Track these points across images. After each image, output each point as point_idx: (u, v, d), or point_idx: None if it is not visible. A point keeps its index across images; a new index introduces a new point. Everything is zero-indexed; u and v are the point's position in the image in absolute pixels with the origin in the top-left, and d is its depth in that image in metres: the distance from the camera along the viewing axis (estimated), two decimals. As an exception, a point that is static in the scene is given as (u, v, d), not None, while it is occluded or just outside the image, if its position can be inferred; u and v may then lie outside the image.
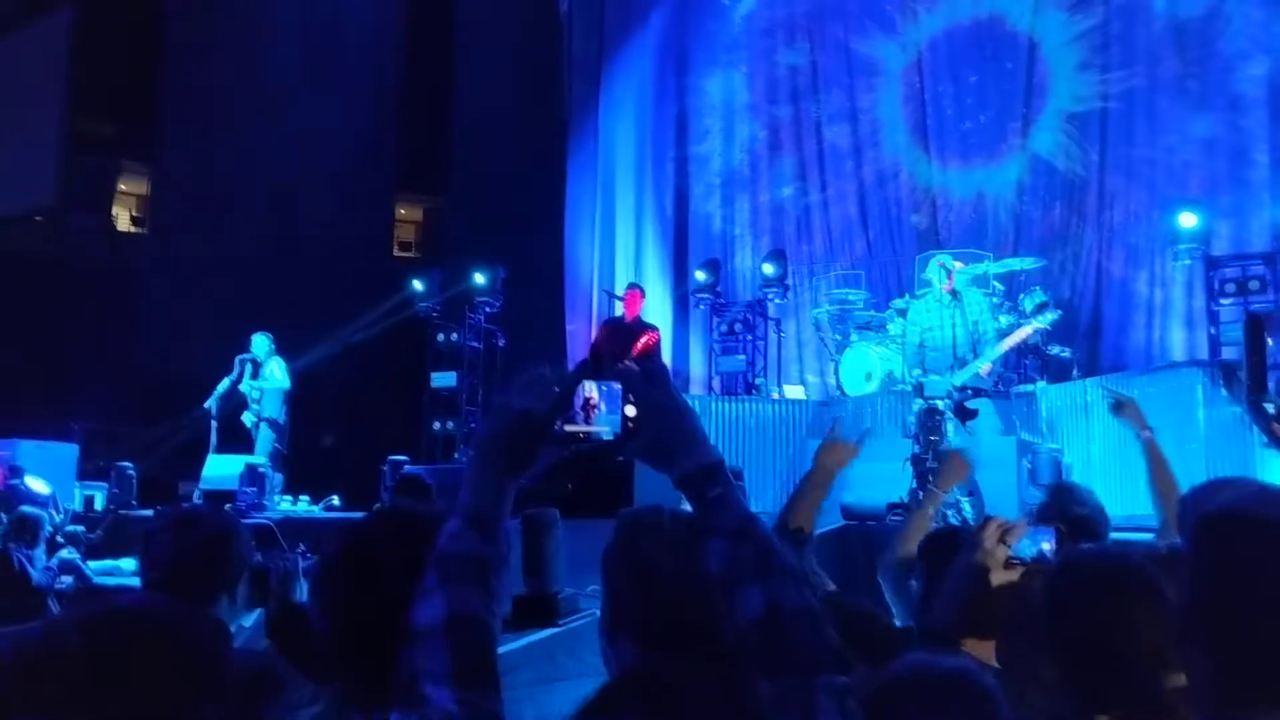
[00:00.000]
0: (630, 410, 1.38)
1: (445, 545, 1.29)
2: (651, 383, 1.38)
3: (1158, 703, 1.73)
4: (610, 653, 1.57)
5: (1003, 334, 9.50)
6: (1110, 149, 12.29)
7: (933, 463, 7.31)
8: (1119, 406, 3.65)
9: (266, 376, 11.21)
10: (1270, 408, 7.63)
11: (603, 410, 1.40)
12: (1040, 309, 9.75)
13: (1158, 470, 3.35)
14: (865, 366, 10.77)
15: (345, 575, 1.53)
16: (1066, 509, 3.18)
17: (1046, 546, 2.09)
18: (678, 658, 1.42)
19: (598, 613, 1.65)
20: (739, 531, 1.30)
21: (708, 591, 1.30)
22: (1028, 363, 10.39)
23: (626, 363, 1.37)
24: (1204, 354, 10.10)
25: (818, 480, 2.85)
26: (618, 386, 1.39)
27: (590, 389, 1.40)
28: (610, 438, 1.42)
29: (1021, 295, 10.25)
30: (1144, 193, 11.97)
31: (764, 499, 10.14)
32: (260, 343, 11.26)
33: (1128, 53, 12.23)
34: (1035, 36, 12.81)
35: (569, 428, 1.40)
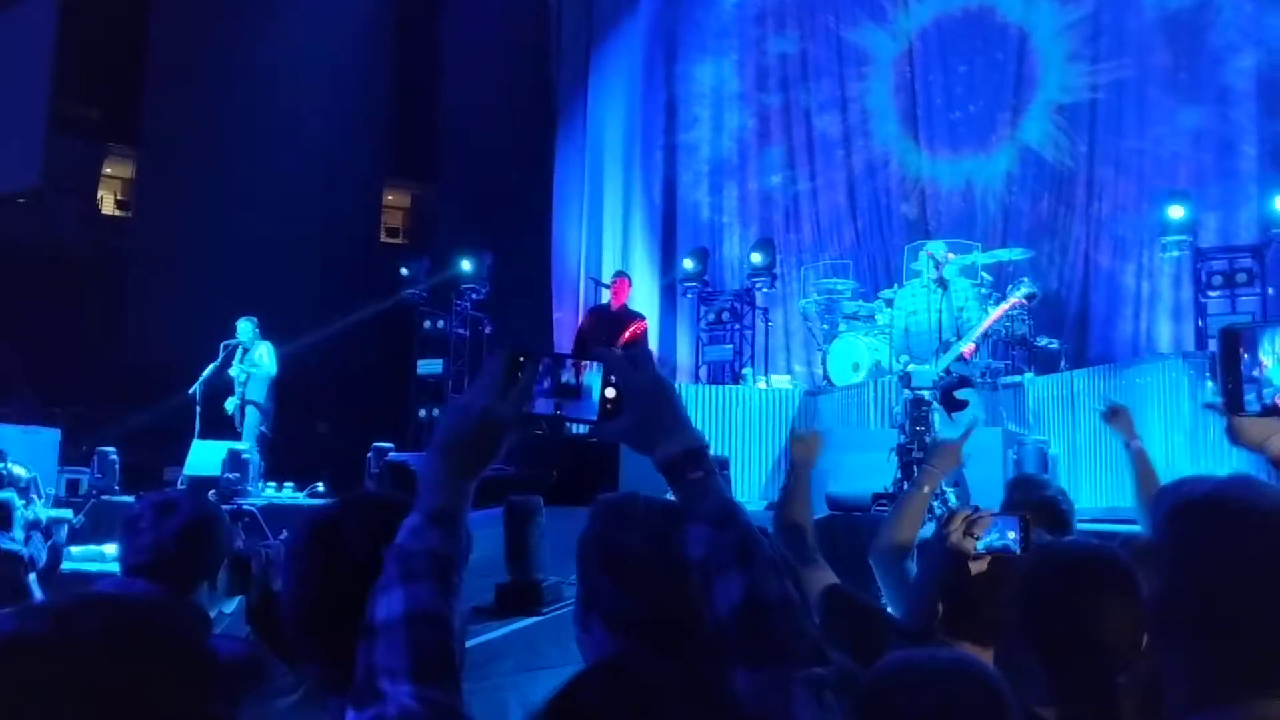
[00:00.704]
0: (610, 392, 1.36)
1: (404, 541, 1.26)
2: (634, 365, 1.36)
3: (1108, 700, 1.72)
4: (584, 639, 1.56)
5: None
6: (1099, 140, 12.31)
7: (918, 453, 7.31)
8: (1113, 414, 3.65)
9: (255, 361, 11.17)
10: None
11: (592, 370, 1.37)
12: (1028, 300, 9.75)
13: (1145, 480, 3.35)
14: (853, 356, 10.76)
15: (312, 560, 1.51)
16: (1030, 495, 3.19)
17: (1013, 535, 2.08)
18: (648, 647, 1.40)
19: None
20: (721, 518, 1.28)
21: (682, 579, 1.28)
22: (1015, 354, 10.40)
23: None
24: (1191, 346, 10.14)
25: (796, 474, 2.95)
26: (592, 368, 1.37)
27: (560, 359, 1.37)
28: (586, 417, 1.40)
29: (1010, 286, 10.25)
30: (1132, 184, 12.00)
31: (750, 489, 10.15)
32: (245, 327, 11.24)
33: (1118, 44, 12.24)
34: (1026, 27, 12.81)
35: (539, 410, 1.37)
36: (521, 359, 1.34)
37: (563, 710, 1.03)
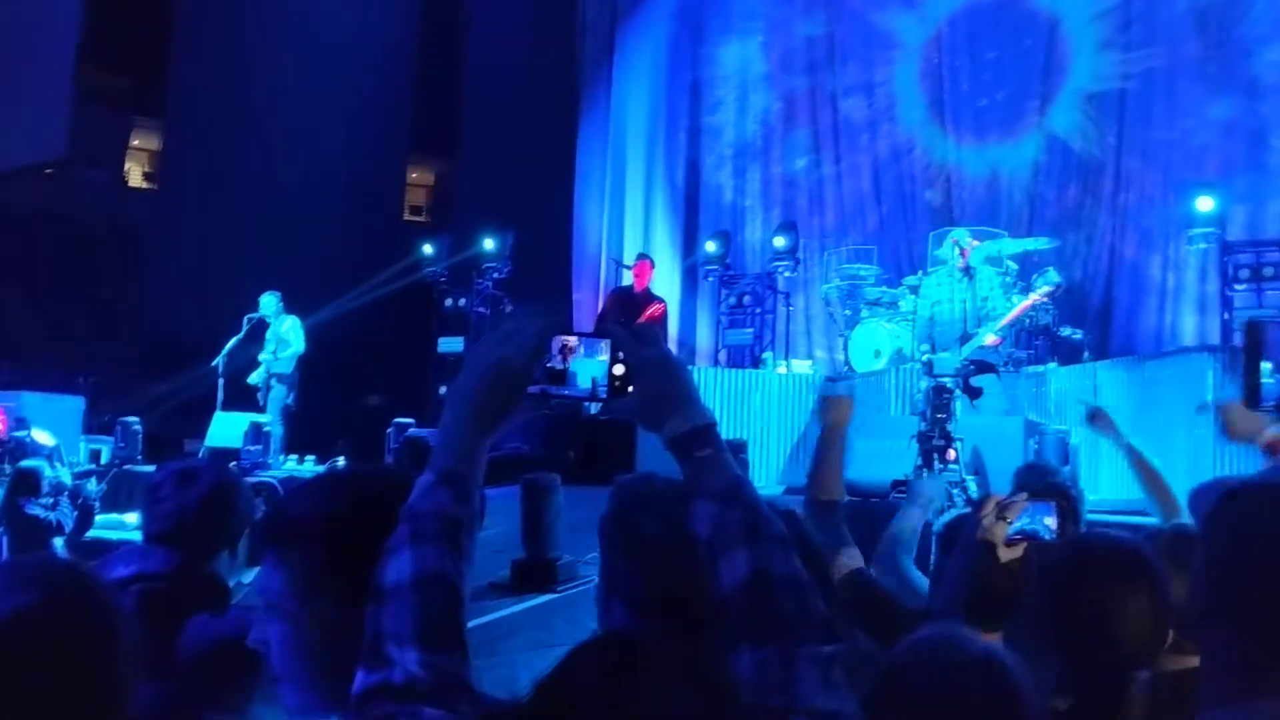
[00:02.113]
0: (618, 369, 1.34)
1: (415, 501, 1.24)
2: (642, 340, 1.35)
3: (1116, 696, 1.71)
4: (605, 620, 1.56)
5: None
6: (1128, 130, 12.19)
7: (939, 440, 7.29)
8: (1092, 417, 3.62)
9: (284, 338, 11.15)
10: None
11: (580, 353, 1.36)
12: (1053, 291, 9.71)
13: (1145, 473, 3.32)
14: (875, 343, 10.71)
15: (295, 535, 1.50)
16: (1037, 482, 3.14)
17: (1049, 521, 2.06)
18: (667, 627, 1.40)
19: (597, 579, 1.64)
20: (728, 495, 1.27)
21: (700, 560, 1.27)
22: (1039, 344, 10.35)
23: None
24: (1216, 339, 10.05)
25: (829, 440, 2.81)
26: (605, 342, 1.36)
27: (568, 338, 1.36)
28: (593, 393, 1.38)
29: (1035, 276, 10.20)
30: (1160, 175, 11.88)
31: (768, 473, 10.13)
32: (269, 302, 11.25)
33: (1149, 33, 12.10)
34: (1056, 14, 12.68)
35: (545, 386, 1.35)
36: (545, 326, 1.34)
37: (557, 682, 1.03)
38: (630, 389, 1.34)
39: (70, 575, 1.21)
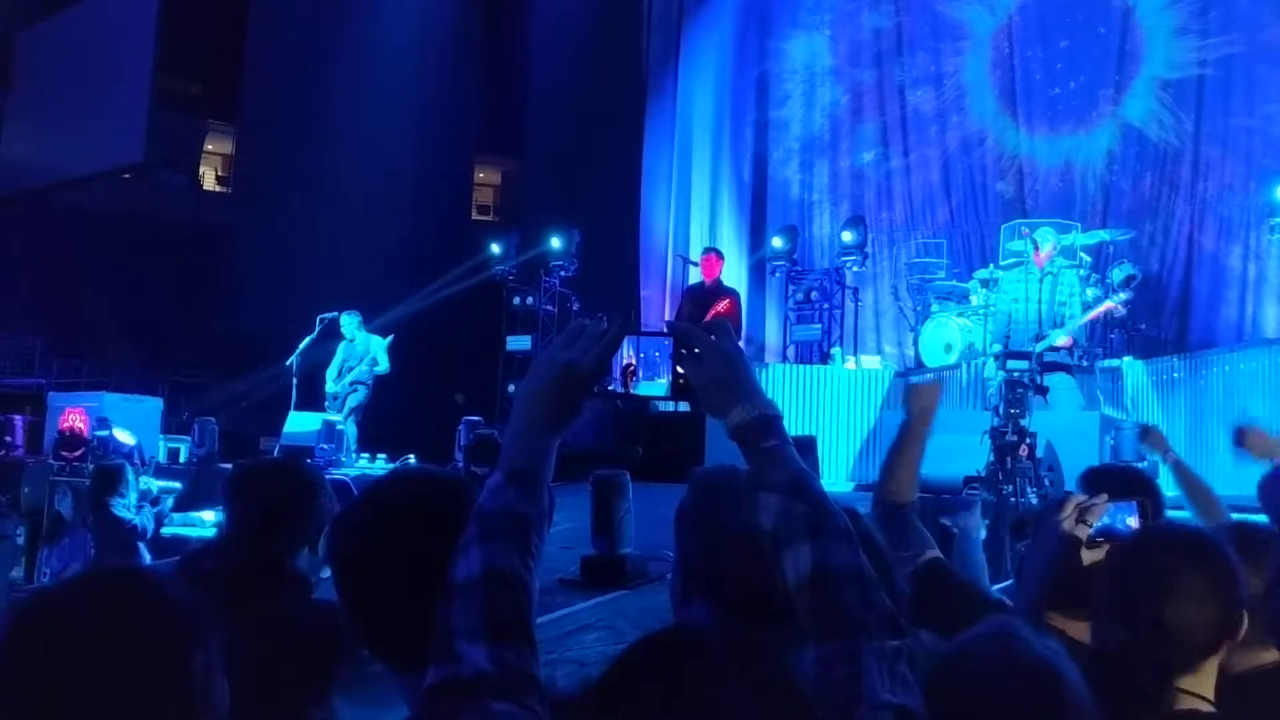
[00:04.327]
0: (681, 369, 1.36)
1: (485, 501, 1.26)
2: (709, 331, 1.37)
3: (1204, 675, 1.68)
4: (682, 615, 1.55)
5: (1087, 307, 9.36)
6: (1206, 118, 11.90)
7: (1012, 435, 7.19)
8: (1144, 434, 3.76)
9: (375, 356, 11.08)
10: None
11: (639, 377, 1.38)
12: (1127, 282, 9.54)
13: (1192, 490, 3.25)
14: (945, 337, 10.59)
15: (356, 533, 1.52)
16: (1112, 482, 3.04)
17: (1130, 521, 2.01)
18: (744, 622, 1.39)
19: (667, 576, 1.63)
20: (792, 488, 1.28)
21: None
22: (1114, 337, 10.16)
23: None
24: (1299, 331, 9.81)
25: (914, 430, 2.56)
26: (656, 354, 1.38)
27: (628, 355, 1.37)
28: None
29: (1111, 267, 10.01)
30: (1240, 163, 11.59)
31: (836, 470, 10.07)
32: (349, 322, 11.15)
33: (1227, 18, 11.81)
34: (1129, 1, 12.41)
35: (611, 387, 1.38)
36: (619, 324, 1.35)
37: (621, 673, 1.04)
38: (694, 385, 1.36)
39: (146, 587, 1.23)
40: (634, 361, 1.39)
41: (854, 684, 1.16)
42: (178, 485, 8.54)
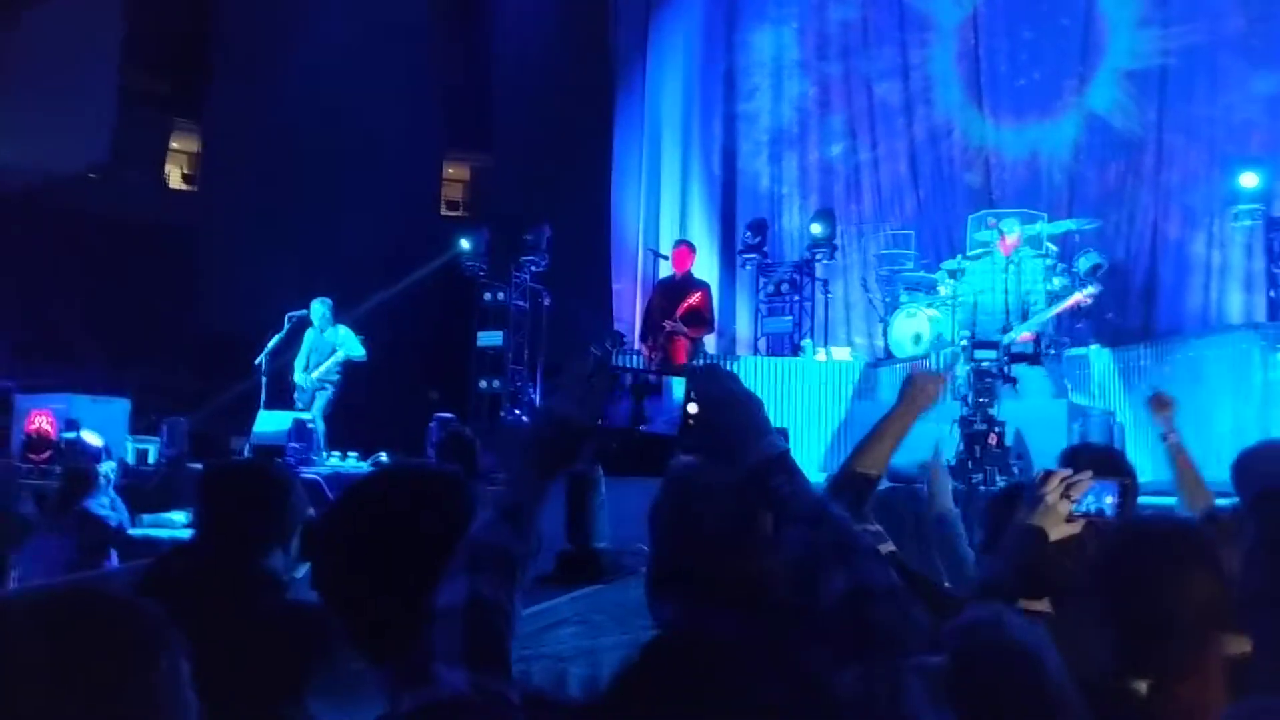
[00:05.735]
0: (692, 407, 1.44)
1: (478, 533, 1.34)
2: (711, 378, 1.45)
3: (1196, 671, 1.70)
4: (658, 610, 1.56)
5: (1053, 297, 9.44)
6: (1169, 107, 12.01)
7: (980, 425, 7.25)
8: (1159, 402, 3.54)
9: (347, 349, 11.02)
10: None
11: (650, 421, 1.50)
12: (1093, 271, 9.62)
13: (1184, 475, 3.28)
14: (914, 328, 10.66)
15: (338, 530, 1.53)
16: (1099, 458, 3.05)
17: (1110, 501, 2.06)
18: (718, 614, 1.41)
19: (642, 570, 1.65)
20: (814, 517, 1.32)
21: (755, 545, 1.29)
22: (1080, 326, 10.25)
23: (672, 322, 1.40)
24: (1262, 317, 9.91)
25: (903, 417, 2.53)
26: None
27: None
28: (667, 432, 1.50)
29: (1076, 256, 10.09)
30: (1203, 152, 11.71)
31: (808, 461, 10.12)
32: (318, 309, 11.09)
33: (1188, 8, 11.92)
34: (1093, -8, 12.51)
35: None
36: (596, 368, 1.46)
37: (640, 675, 1.04)
38: (701, 426, 1.44)
39: (104, 600, 1.22)
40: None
41: (894, 701, 1.17)
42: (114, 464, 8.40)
